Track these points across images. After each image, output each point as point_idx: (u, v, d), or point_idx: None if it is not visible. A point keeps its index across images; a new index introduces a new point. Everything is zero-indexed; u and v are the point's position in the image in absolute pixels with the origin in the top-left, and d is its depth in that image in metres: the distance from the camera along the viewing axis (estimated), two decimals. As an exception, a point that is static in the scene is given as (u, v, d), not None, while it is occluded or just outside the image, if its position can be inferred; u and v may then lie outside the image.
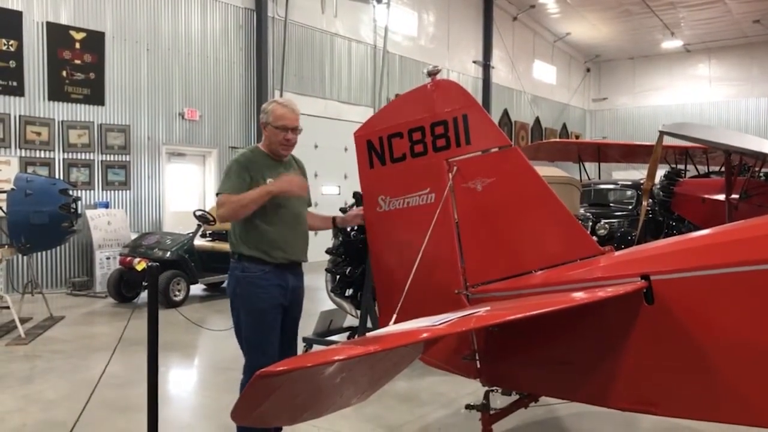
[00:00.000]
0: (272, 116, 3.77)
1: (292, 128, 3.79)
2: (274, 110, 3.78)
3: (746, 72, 26.07)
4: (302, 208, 3.97)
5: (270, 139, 3.81)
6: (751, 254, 2.74)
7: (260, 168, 3.78)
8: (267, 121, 3.80)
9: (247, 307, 3.71)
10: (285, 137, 3.78)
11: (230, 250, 3.86)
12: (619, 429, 4.58)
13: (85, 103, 11.87)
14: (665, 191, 11.95)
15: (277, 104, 3.83)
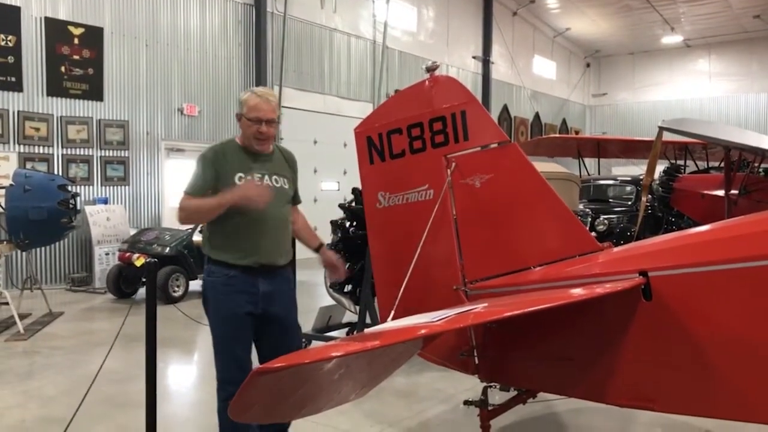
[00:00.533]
0: (245, 107, 3.49)
1: (266, 120, 3.47)
2: (248, 100, 3.50)
3: (746, 67, 26.04)
4: (277, 207, 3.56)
5: (244, 131, 3.53)
6: (749, 250, 2.74)
7: (231, 163, 3.47)
8: (241, 112, 3.53)
9: (212, 313, 3.46)
10: (258, 129, 3.47)
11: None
12: (617, 425, 4.59)
13: (84, 99, 11.86)
14: (664, 187, 11.95)
15: (251, 94, 3.53)
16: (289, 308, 3.64)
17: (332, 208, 7.89)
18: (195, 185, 3.44)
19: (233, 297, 3.38)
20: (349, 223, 6.58)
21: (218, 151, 3.48)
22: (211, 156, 3.46)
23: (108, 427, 4.64)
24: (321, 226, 15.51)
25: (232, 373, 3.34)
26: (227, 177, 3.41)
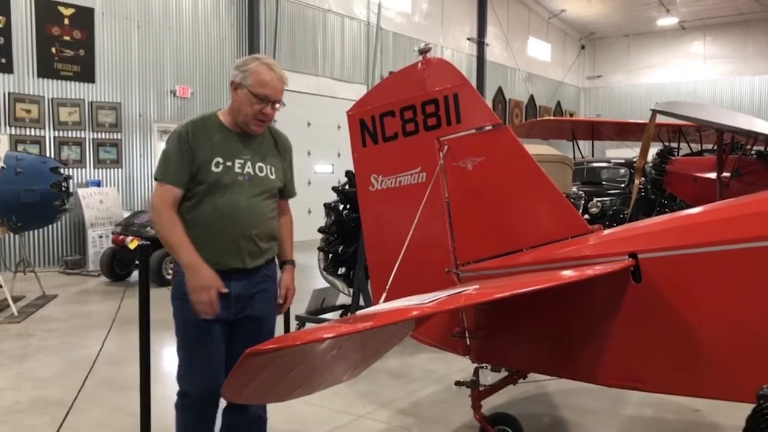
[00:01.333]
0: (252, 78, 2.89)
1: (274, 101, 2.93)
2: (257, 72, 2.89)
3: (741, 50, 26.00)
4: (257, 200, 3.00)
5: (240, 107, 2.92)
6: (737, 233, 2.77)
7: (210, 145, 2.90)
8: (242, 83, 2.90)
9: (178, 316, 3.00)
10: (263, 110, 2.91)
11: None
12: (607, 405, 4.65)
13: (75, 81, 11.77)
14: (657, 169, 11.97)
15: (261, 64, 2.92)
16: (267, 312, 3.16)
17: (326, 190, 7.88)
18: (168, 171, 2.88)
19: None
20: (343, 206, 6.59)
21: (196, 128, 2.92)
22: (187, 133, 2.88)
23: (103, 409, 4.67)
24: (315, 209, 15.50)
25: (192, 382, 3.00)
26: (204, 162, 2.88)
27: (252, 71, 2.90)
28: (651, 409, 4.66)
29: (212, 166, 2.89)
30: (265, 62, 2.95)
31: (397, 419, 4.44)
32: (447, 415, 4.50)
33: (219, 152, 2.91)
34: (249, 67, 2.91)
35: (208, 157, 2.89)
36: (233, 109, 2.98)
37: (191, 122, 2.98)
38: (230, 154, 2.94)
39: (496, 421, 3.76)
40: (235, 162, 2.93)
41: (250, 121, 2.94)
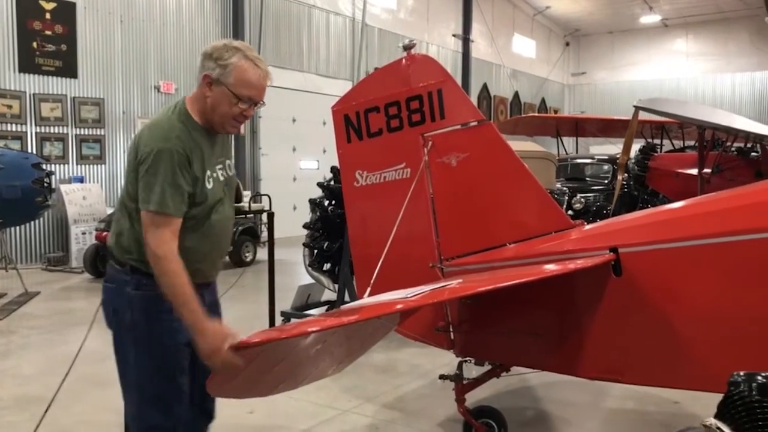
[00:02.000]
0: (234, 76, 2.45)
1: (257, 102, 2.56)
2: (241, 69, 2.45)
3: (722, 47, 26.28)
4: (230, 205, 2.77)
5: (217, 107, 2.49)
6: (716, 228, 2.82)
7: (200, 154, 2.51)
8: (220, 79, 2.45)
9: (147, 341, 2.53)
10: (244, 112, 2.53)
11: (114, 254, 2.60)
12: (589, 398, 4.71)
13: (57, 76, 11.65)
14: (640, 165, 12.11)
15: (245, 59, 2.46)
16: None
17: (311, 187, 7.88)
18: (167, 200, 2.39)
19: (172, 321, 2.44)
20: (328, 202, 6.60)
21: (186, 141, 2.47)
22: (183, 153, 2.44)
23: (86, 405, 4.66)
24: (300, 205, 15.50)
25: (155, 417, 2.58)
26: (200, 180, 2.51)
27: (234, 67, 2.44)
28: (632, 402, 4.73)
29: (206, 181, 2.53)
30: (249, 56, 2.48)
31: (382, 413, 4.47)
32: (432, 408, 4.54)
33: (208, 163, 2.55)
34: (230, 61, 2.44)
35: (202, 173, 2.51)
36: (206, 107, 2.52)
37: (179, 135, 2.46)
38: (213, 162, 2.59)
39: (479, 414, 3.81)
40: (216, 169, 2.62)
41: (227, 123, 2.55)
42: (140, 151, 2.45)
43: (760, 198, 2.96)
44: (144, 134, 2.51)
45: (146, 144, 2.44)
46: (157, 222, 2.39)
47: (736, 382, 1.17)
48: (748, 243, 2.69)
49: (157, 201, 2.38)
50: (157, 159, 2.40)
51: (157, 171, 2.39)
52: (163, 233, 2.39)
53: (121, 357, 2.63)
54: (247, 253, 11.40)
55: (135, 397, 2.61)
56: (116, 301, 2.57)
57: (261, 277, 9.48)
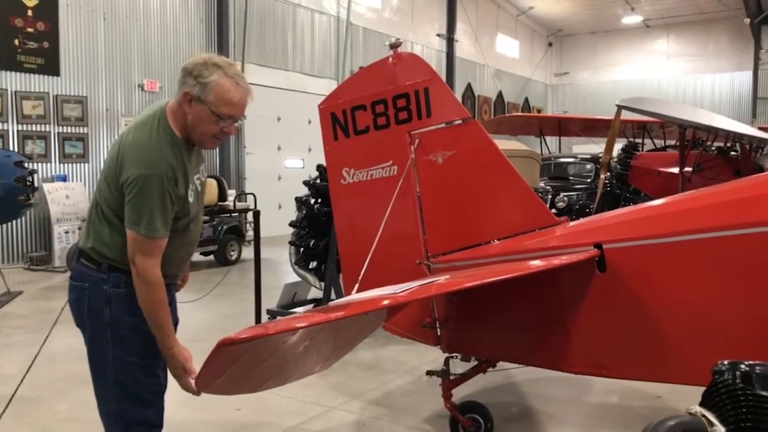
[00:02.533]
0: (214, 95, 2.41)
1: (237, 119, 2.53)
2: (221, 88, 2.42)
3: (702, 48, 26.62)
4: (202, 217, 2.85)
5: (197, 125, 2.48)
6: (697, 224, 2.88)
7: (184, 171, 2.52)
8: (201, 97, 2.42)
9: (127, 337, 2.55)
10: (223, 129, 2.51)
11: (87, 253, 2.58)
12: (573, 393, 4.76)
13: (40, 73, 11.53)
14: (622, 164, 12.23)
15: (225, 77, 2.43)
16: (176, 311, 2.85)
17: (296, 185, 7.87)
18: (156, 223, 2.42)
19: None
20: (314, 200, 6.60)
21: (175, 163, 2.47)
22: (172, 175, 2.45)
23: (72, 403, 4.63)
24: (285, 204, 15.48)
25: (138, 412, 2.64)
26: (184, 196, 2.54)
27: (215, 85, 2.41)
28: (615, 397, 4.79)
29: (189, 196, 2.56)
30: (230, 74, 2.44)
31: (368, 410, 4.49)
32: (418, 404, 4.57)
33: (190, 178, 2.56)
34: (210, 80, 2.40)
35: (185, 189, 2.53)
36: (186, 123, 2.50)
37: (167, 159, 2.44)
38: (192, 174, 2.59)
39: (466, 410, 3.84)
40: (194, 180, 2.62)
41: (207, 140, 2.54)
42: (126, 171, 2.44)
43: (741, 195, 3.02)
44: (130, 154, 2.47)
45: (133, 166, 2.43)
46: (147, 245, 2.43)
47: (720, 371, 1.21)
48: (729, 239, 2.75)
49: (147, 225, 2.41)
50: (146, 185, 2.40)
51: (146, 196, 2.40)
52: (154, 256, 2.45)
53: (96, 355, 2.61)
54: (232, 252, 11.37)
55: (114, 393, 2.60)
56: (91, 300, 2.55)
57: (246, 275, 9.45)
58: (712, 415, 1.15)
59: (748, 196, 2.99)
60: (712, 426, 1.14)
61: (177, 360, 2.52)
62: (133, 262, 2.45)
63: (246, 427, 4.22)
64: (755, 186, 3.19)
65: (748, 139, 9.27)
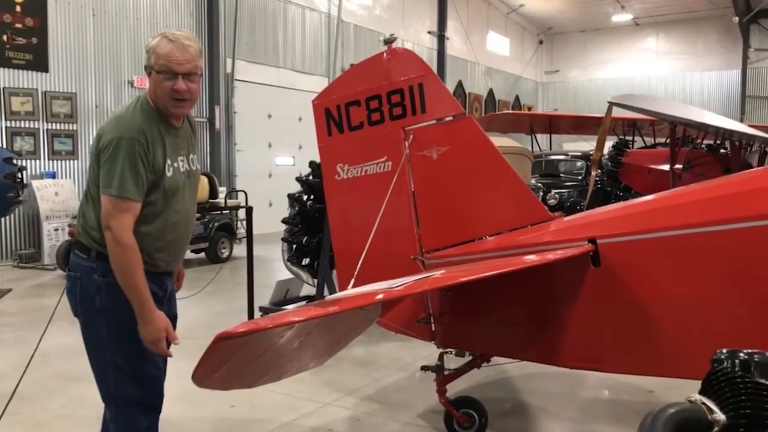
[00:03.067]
0: (154, 56, 2.59)
1: (183, 73, 2.59)
2: (158, 47, 2.59)
3: (691, 46, 26.77)
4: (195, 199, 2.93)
5: (155, 90, 2.63)
6: (690, 218, 2.90)
7: (161, 143, 2.62)
8: (149, 65, 2.62)
9: (120, 323, 2.61)
10: (174, 87, 2.58)
11: (79, 242, 2.70)
12: (566, 388, 4.79)
13: (28, 69, 11.43)
14: (613, 161, 12.30)
15: (162, 38, 2.61)
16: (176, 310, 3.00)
17: (287, 183, 7.86)
18: (128, 185, 2.50)
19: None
20: (307, 197, 6.59)
21: (148, 130, 2.60)
22: (145, 139, 2.56)
23: (63, 400, 4.61)
24: (276, 201, 15.43)
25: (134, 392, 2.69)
26: (160, 167, 2.61)
27: (152, 49, 2.61)
28: (607, 391, 4.83)
29: (166, 170, 2.64)
30: (167, 35, 2.63)
31: (363, 406, 4.50)
32: (412, 400, 4.58)
33: (169, 153, 2.66)
34: (151, 45, 2.62)
35: (162, 161, 2.62)
36: (153, 95, 2.66)
37: (141, 125, 2.58)
38: (173, 152, 2.69)
39: (460, 405, 3.85)
40: (177, 160, 2.71)
41: (168, 103, 2.64)
42: (102, 140, 2.58)
43: (733, 190, 3.05)
44: (107, 126, 2.64)
45: (109, 133, 2.58)
46: (119, 206, 2.52)
47: (719, 359, 1.22)
48: (722, 233, 2.78)
49: (117, 185, 2.50)
50: (118, 146, 2.53)
51: (118, 157, 2.51)
52: (125, 218, 2.52)
53: (93, 341, 2.71)
54: (224, 249, 11.33)
55: (112, 376, 2.68)
56: (84, 289, 2.65)
57: (238, 273, 9.43)
58: (711, 402, 1.17)
59: (740, 192, 3.02)
60: (711, 413, 1.15)
61: (154, 324, 2.55)
62: (107, 227, 2.52)
63: (240, 424, 4.21)
64: (747, 182, 3.23)
65: (738, 136, 9.34)
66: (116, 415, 2.73)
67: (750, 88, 25.23)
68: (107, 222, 2.52)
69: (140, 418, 2.71)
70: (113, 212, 2.51)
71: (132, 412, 2.70)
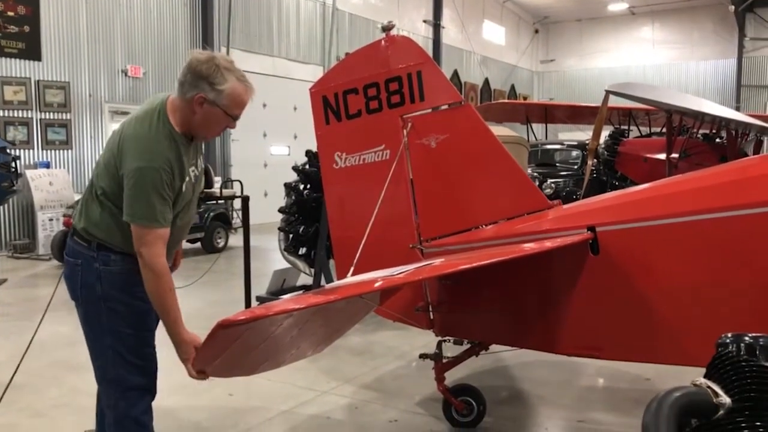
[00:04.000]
0: (227, 97, 2.58)
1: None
2: (236, 92, 2.60)
3: (687, 35, 26.75)
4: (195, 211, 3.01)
5: (209, 125, 2.67)
6: (688, 206, 2.90)
7: (180, 169, 2.66)
8: (216, 101, 2.58)
9: (120, 310, 2.69)
10: (228, 126, 2.72)
11: (78, 232, 2.72)
12: (563, 375, 4.81)
13: (21, 58, 11.35)
14: (610, 150, 12.31)
15: (237, 82, 2.60)
16: None
17: (282, 173, 7.82)
18: (156, 213, 2.54)
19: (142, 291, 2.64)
20: (304, 186, 6.57)
21: (173, 157, 2.60)
22: (170, 168, 2.58)
23: (61, 389, 4.61)
24: (271, 191, 15.39)
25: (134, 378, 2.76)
26: (179, 188, 2.68)
27: (230, 91, 2.58)
28: (605, 380, 4.85)
29: (183, 187, 2.69)
30: (240, 78, 2.63)
31: (360, 394, 4.51)
32: (409, 388, 4.59)
33: (186, 172, 2.69)
34: (225, 86, 2.57)
35: (181, 182, 2.67)
36: (192, 122, 2.64)
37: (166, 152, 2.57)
38: (188, 165, 2.72)
39: (458, 393, 3.86)
40: (190, 172, 2.75)
41: (209, 134, 2.77)
42: (126, 163, 2.56)
43: (731, 177, 3.05)
44: (129, 146, 2.59)
45: (133, 159, 2.55)
46: (150, 236, 2.55)
47: (724, 343, 1.22)
48: (722, 220, 2.78)
49: (147, 216, 2.54)
50: (145, 176, 2.53)
51: (144, 188, 2.53)
52: (158, 246, 2.56)
53: (92, 326, 2.75)
54: (219, 239, 11.32)
55: (110, 361, 2.73)
56: (84, 276, 2.69)
57: (234, 263, 9.42)
58: (716, 386, 1.17)
59: (737, 179, 3.02)
60: (717, 396, 1.15)
61: (185, 346, 2.61)
62: (139, 253, 2.56)
63: (238, 412, 4.21)
64: (744, 169, 3.23)
65: (735, 124, 9.35)
66: (114, 400, 2.77)
67: (745, 77, 25.25)
68: (139, 249, 2.56)
69: (136, 401, 2.76)
70: (145, 240, 2.55)
71: (128, 396, 2.75)
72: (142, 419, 2.78)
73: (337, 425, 4.01)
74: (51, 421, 4.13)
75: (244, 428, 3.95)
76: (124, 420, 2.76)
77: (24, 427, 4.03)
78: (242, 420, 4.07)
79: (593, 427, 4.02)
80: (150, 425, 2.83)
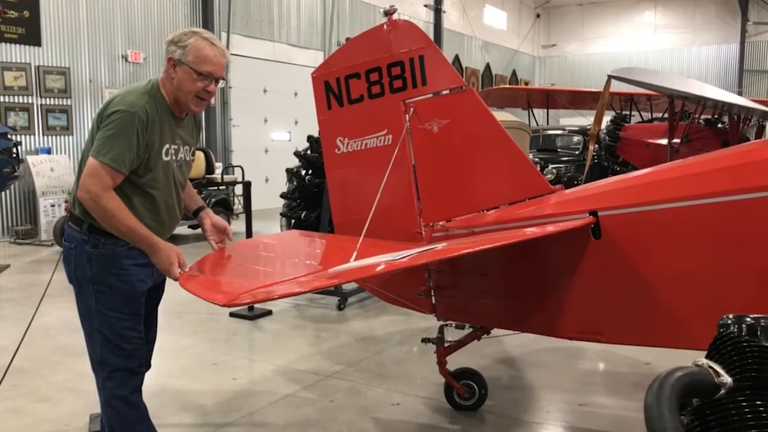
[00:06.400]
0: (192, 54, 2.70)
1: (217, 78, 2.77)
2: (198, 47, 2.70)
3: (689, 21, 26.59)
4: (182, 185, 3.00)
5: (181, 85, 2.73)
6: (690, 191, 2.90)
7: (160, 129, 2.73)
8: (182, 59, 2.70)
9: (108, 293, 2.75)
10: (206, 88, 2.74)
11: (73, 215, 2.80)
12: (563, 359, 4.84)
13: (21, 44, 11.28)
14: (611, 136, 12.29)
15: (200, 38, 2.73)
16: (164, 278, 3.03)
17: (283, 159, 7.82)
18: (122, 156, 2.59)
19: (137, 271, 2.77)
20: (305, 171, 6.58)
21: (152, 111, 2.70)
22: (146, 119, 2.66)
23: (68, 374, 4.64)
24: (272, 177, 15.31)
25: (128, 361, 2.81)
26: (155, 150, 2.72)
27: (192, 47, 2.70)
28: (605, 364, 4.88)
29: (163, 153, 2.75)
30: (205, 36, 2.75)
31: (363, 377, 4.54)
32: (412, 372, 4.62)
33: (167, 138, 2.77)
34: (188, 42, 2.71)
35: (159, 144, 2.73)
36: (175, 88, 2.75)
37: (146, 104, 2.68)
38: (172, 139, 2.80)
39: (460, 377, 3.89)
40: (172, 147, 2.81)
41: (191, 101, 2.76)
42: (107, 110, 2.68)
43: (734, 162, 3.05)
44: (115, 98, 2.74)
45: (115, 105, 2.67)
46: (102, 172, 2.59)
47: (726, 324, 1.23)
48: (724, 205, 2.78)
49: (112, 156, 2.59)
50: (120, 119, 2.62)
51: (119, 129, 2.61)
52: (104, 178, 2.59)
53: (83, 308, 2.82)
54: (221, 225, 11.31)
55: (99, 342, 2.80)
56: (77, 259, 2.77)
57: (236, 248, 9.43)
58: (718, 366, 1.18)
59: (740, 164, 3.02)
60: (718, 377, 1.17)
61: (165, 252, 2.64)
62: (84, 188, 2.59)
63: (242, 396, 4.25)
64: (746, 154, 3.23)
65: (737, 109, 9.32)
66: (101, 381, 2.84)
67: (748, 62, 25.13)
68: (85, 181, 2.59)
69: (122, 382, 2.81)
70: (96, 174, 2.58)
71: (114, 377, 2.81)
72: (132, 398, 2.84)
73: (340, 409, 4.04)
74: (56, 405, 4.17)
75: (247, 412, 3.99)
76: (112, 400, 2.82)
77: (29, 411, 4.06)
78: (246, 403, 4.10)
79: (594, 411, 4.05)
80: (140, 403, 2.89)
